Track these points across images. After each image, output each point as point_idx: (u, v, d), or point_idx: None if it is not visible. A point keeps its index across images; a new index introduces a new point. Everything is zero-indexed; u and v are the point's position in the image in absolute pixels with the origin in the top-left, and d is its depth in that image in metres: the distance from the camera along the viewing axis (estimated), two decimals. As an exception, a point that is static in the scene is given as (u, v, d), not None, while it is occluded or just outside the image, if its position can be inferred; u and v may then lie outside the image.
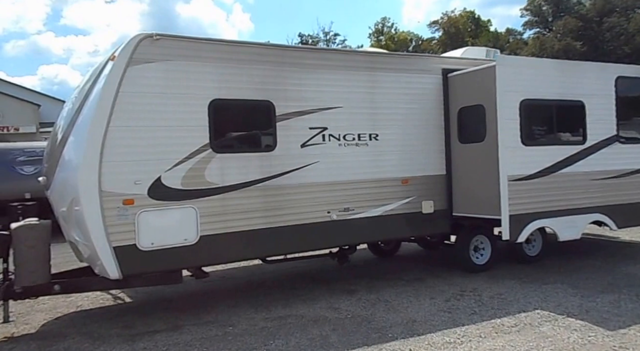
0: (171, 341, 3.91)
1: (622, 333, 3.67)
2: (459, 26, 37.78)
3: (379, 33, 41.19)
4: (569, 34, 29.63)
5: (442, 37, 37.99)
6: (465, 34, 37.20)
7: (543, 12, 34.04)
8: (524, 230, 5.42)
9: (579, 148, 5.92)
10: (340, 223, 5.17)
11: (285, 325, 4.18)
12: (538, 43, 30.97)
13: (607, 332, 3.69)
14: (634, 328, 3.76)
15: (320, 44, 37.32)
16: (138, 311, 4.85)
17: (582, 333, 3.69)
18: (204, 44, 4.49)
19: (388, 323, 4.09)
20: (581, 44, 28.66)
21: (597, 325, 3.85)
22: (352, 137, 5.30)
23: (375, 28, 41.41)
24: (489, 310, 4.34)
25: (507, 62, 5.39)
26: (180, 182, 4.29)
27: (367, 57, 5.53)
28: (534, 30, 34.86)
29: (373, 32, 41.47)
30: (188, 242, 4.31)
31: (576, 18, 30.29)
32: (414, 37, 40.85)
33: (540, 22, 34.29)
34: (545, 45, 29.85)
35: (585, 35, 29.40)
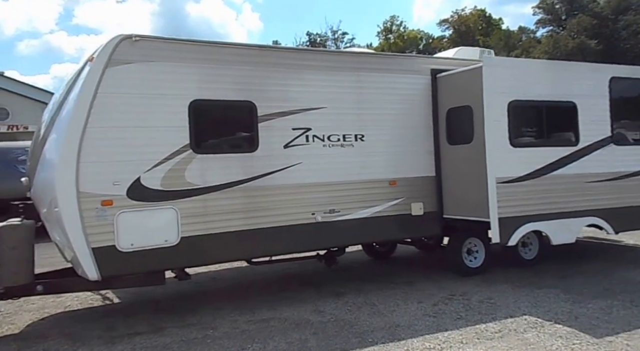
0: (149, 343, 3.87)
1: (608, 340, 3.57)
2: (469, 24, 37.59)
3: (388, 31, 41.16)
4: (583, 32, 29.27)
5: (453, 35, 37.82)
6: (476, 33, 37.02)
7: (556, 10, 33.69)
8: (514, 233, 5.33)
9: (571, 150, 5.81)
10: (325, 224, 5.12)
11: (266, 328, 4.13)
12: (551, 41, 30.57)
13: (592, 340, 3.59)
14: (622, 335, 3.65)
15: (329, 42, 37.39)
16: (124, 312, 4.83)
17: (567, 340, 3.60)
18: (185, 45, 4.48)
19: (370, 328, 4.02)
20: (596, 42, 28.27)
21: (584, 332, 3.75)
22: (336, 138, 5.25)
23: (384, 26, 41.41)
24: (476, 315, 4.25)
25: (494, 63, 5.32)
26: (160, 182, 4.26)
27: (352, 57, 5.49)
28: (547, 29, 34.54)
29: (381, 31, 41.49)
30: (169, 243, 4.28)
31: (590, 16, 29.90)
32: (424, 35, 40.74)
33: (554, 20, 33.96)
34: (559, 44, 29.48)
35: (600, 33, 29.01)
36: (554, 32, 32.99)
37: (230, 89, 4.67)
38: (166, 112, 4.33)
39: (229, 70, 4.66)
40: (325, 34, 38.20)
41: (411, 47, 37.77)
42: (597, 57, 25.38)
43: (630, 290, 4.90)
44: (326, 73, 5.20)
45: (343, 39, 38.42)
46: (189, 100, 4.43)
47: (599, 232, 6.78)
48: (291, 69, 5.00)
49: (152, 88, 4.27)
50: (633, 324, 3.90)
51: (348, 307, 4.65)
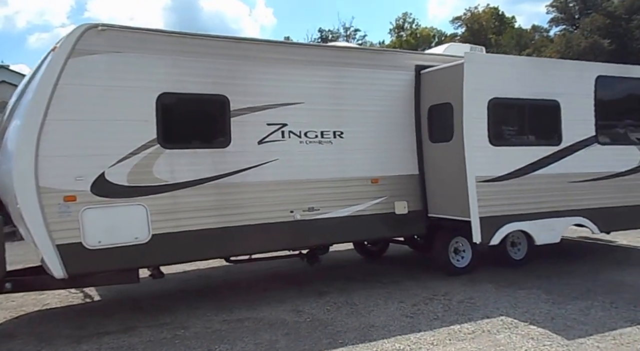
0: (116, 344, 3.79)
1: (579, 342, 3.54)
2: (482, 22, 37.67)
3: (400, 29, 41.14)
4: (596, 32, 29.24)
5: (465, 33, 37.85)
6: (488, 31, 37.09)
7: (569, 9, 33.71)
8: (496, 233, 5.28)
9: (554, 149, 5.76)
10: (304, 223, 5.04)
11: (239, 328, 4.06)
12: (564, 40, 30.60)
13: (564, 341, 3.55)
14: (594, 337, 3.62)
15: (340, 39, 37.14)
16: (100, 310, 4.77)
17: (538, 341, 3.56)
18: (154, 36, 4.37)
19: (345, 328, 3.96)
20: (609, 42, 28.30)
21: (557, 333, 3.71)
22: (314, 134, 5.17)
23: (396, 23, 41.35)
24: (453, 316, 4.21)
25: (475, 60, 5.26)
26: (126, 178, 4.16)
27: (332, 51, 5.42)
28: (560, 27, 34.54)
29: (394, 28, 41.44)
30: (139, 240, 4.18)
31: (604, 15, 29.90)
32: (437, 33, 40.76)
33: (567, 19, 33.99)
34: (572, 43, 29.49)
35: (613, 32, 28.97)
36: (567, 31, 33.02)
37: (202, 82, 4.57)
38: (133, 105, 4.21)
39: (200, 63, 4.55)
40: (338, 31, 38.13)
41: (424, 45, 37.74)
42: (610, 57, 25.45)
43: (612, 291, 4.89)
44: (304, 67, 5.11)
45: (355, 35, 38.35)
46: (157, 93, 4.31)
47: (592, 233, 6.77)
48: (267, 62, 4.90)
49: (118, 80, 4.16)
50: (608, 326, 3.88)
51: (327, 307, 4.60)
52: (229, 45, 4.75)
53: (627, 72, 6.49)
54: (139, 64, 4.26)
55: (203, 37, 4.71)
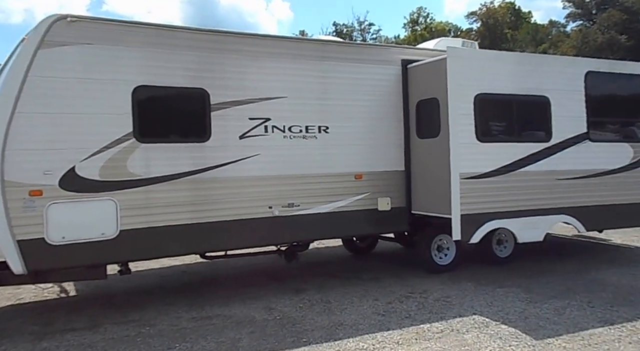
0: (77, 341, 3.82)
1: (547, 342, 3.53)
2: (497, 17, 37.29)
3: (414, 23, 40.87)
4: (613, 27, 28.81)
5: (481, 28, 37.51)
6: (504, 26, 36.72)
7: (586, 4, 33.15)
8: (477, 230, 5.25)
9: (543, 146, 5.71)
10: (283, 219, 5.04)
11: (205, 326, 4.08)
12: (580, 36, 30.22)
13: (531, 341, 3.54)
14: (563, 337, 3.61)
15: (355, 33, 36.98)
16: (73, 306, 4.79)
17: (505, 341, 3.55)
18: (129, 27, 4.35)
19: (313, 326, 3.97)
20: (626, 37, 27.93)
21: (526, 333, 3.70)
22: (298, 129, 5.16)
23: (411, 18, 41.12)
24: (426, 314, 4.21)
25: (459, 54, 5.19)
26: (98, 172, 4.16)
27: (316, 45, 5.35)
28: (577, 23, 34.03)
29: (408, 22, 41.19)
30: (106, 236, 4.19)
31: (621, 11, 29.44)
32: (453, 27, 40.44)
33: (584, 14, 33.44)
34: (588, 39, 29.12)
35: (630, 28, 28.56)
36: (584, 27, 32.56)
37: (181, 75, 4.55)
38: (106, 98, 4.20)
39: (179, 56, 4.53)
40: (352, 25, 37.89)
41: None
42: (628, 53, 25.11)
43: (593, 291, 4.87)
44: (287, 61, 5.08)
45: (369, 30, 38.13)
46: (132, 86, 4.30)
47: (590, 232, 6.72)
48: (249, 56, 4.87)
49: (90, 73, 4.14)
50: (580, 326, 3.86)
51: (301, 304, 4.61)
52: (208, 38, 4.72)
53: (618, 68, 6.39)
54: (112, 56, 4.23)
55: (181, 30, 4.68)
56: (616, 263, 6.13)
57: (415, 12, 41.20)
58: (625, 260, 6.36)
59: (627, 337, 3.62)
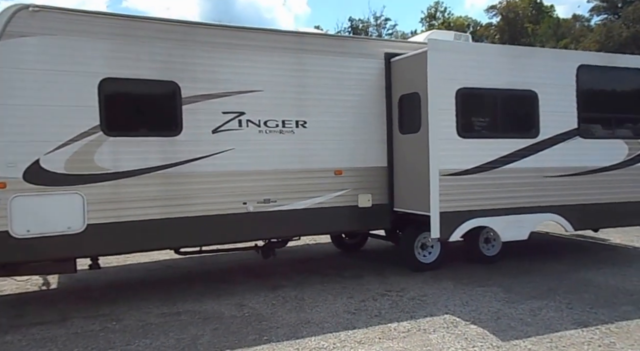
0: (40, 335, 3.82)
1: (513, 343, 3.45)
2: (518, 11, 36.76)
3: (432, 18, 40.53)
4: (639, 21, 28.04)
5: (500, 23, 36.94)
6: (524, 20, 36.20)
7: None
8: (457, 228, 5.17)
9: (529, 142, 5.59)
10: (258, 215, 5.00)
11: (171, 322, 4.06)
12: (604, 30, 29.36)
13: (497, 343, 3.47)
14: (531, 339, 3.53)
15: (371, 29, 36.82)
16: (48, 299, 4.82)
17: (470, 342, 3.48)
18: (95, 18, 4.31)
19: (279, 324, 3.94)
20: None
21: (495, 333, 3.63)
22: (274, 124, 5.10)
23: (428, 13, 40.70)
24: (396, 313, 4.16)
25: (441, 47, 5.08)
26: (63, 165, 4.16)
27: (294, 37, 5.27)
28: (601, 17, 33.14)
29: (425, 17, 40.82)
30: (72, 230, 4.19)
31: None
32: (472, 22, 40.02)
33: (608, 8, 32.58)
34: (612, 33, 28.28)
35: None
36: (608, 21, 31.77)
37: (150, 68, 4.51)
38: (72, 90, 4.18)
39: (148, 47, 4.49)
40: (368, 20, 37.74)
41: None
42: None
43: (575, 291, 4.78)
44: (263, 54, 5.02)
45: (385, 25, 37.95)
46: (99, 78, 4.28)
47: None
48: (222, 48, 4.82)
49: (55, 64, 4.12)
50: (553, 327, 3.78)
51: (274, 301, 4.58)
52: (180, 29, 4.67)
53: (611, 61, 6.23)
54: (77, 48, 4.21)
55: (151, 21, 4.63)
56: (609, 263, 6.01)
57: (433, 7, 40.78)
58: (620, 260, 6.23)
59: (599, 340, 3.54)
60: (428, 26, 39.30)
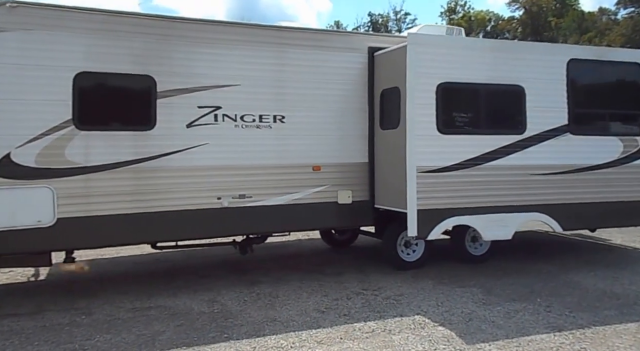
0: (9, 327, 3.86)
1: (477, 347, 3.37)
2: (541, 5, 35.97)
3: (452, 12, 40.02)
4: None
5: (523, 16, 36.21)
6: (548, 14, 35.47)
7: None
8: (436, 227, 5.07)
9: (515, 138, 5.45)
10: (233, 210, 4.97)
11: (139, 317, 4.07)
12: (631, 23, 28.61)
13: (462, 346, 3.40)
14: (498, 343, 3.45)
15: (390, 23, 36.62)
16: (30, 291, 4.89)
17: (433, 344, 3.42)
18: (71, 13, 4.31)
19: (244, 322, 3.92)
20: None
21: (461, 336, 3.56)
22: (251, 118, 5.05)
23: (448, 7, 40.27)
24: (366, 313, 4.10)
25: (421, 41, 4.97)
26: (34, 159, 4.17)
27: (272, 31, 5.21)
28: (628, 10, 32.07)
29: (445, 11, 40.37)
30: (42, 224, 4.20)
31: None
32: (493, 16, 39.37)
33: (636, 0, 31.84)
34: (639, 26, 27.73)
35: None
36: (636, 14, 30.78)
37: (125, 62, 4.50)
38: (46, 84, 4.20)
39: (124, 42, 4.48)
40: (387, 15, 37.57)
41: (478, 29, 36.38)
42: None
43: (559, 294, 4.66)
44: (241, 48, 4.96)
45: (405, 19, 37.73)
46: (74, 73, 4.28)
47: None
48: (198, 42, 4.78)
49: (30, 59, 4.14)
50: (524, 331, 3.69)
51: (246, 298, 4.57)
52: (157, 24, 4.66)
53: (603, 55, 6.05)
54: (54, 42, 4.23)
55: (127, 15, 4.61)
56: (602, 264, 5.84)
57: (453, 1, 40.14)
58: (616, 262, 6.03)
59: (569, 345, 3.44)
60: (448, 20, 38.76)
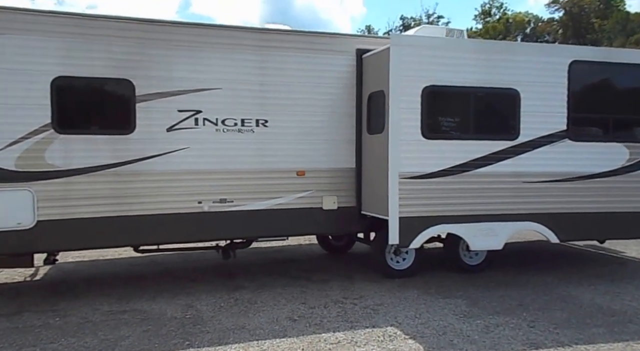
0: (-18, 328, 3.97)
1: (438, 363, 3.27)
2: (583, 6, 35.09)
3: (487, 14, 39.58)
4: None
5: (563, 18, 35.47)
6: (591, 15, 34.56)
7: None
8: (419, 235, 4.98)
9: (507, 144, 5.30)
10: (213, 215, 5.00)
11: (109, 321, 4.13)
12: None
13: (418, 360, 3.30)
14: (462, 358, 3.34)
15: None
16: (20, 290, 5.03)
17: (393, 358, 3.33)
18: (48, 17, 4.42)
19: (211, 329, 3.92)
20: None
21: (427, 350, 3.46)
22: (233, 122, 5.07)
23: (482, 9, 39.77)
24: (338, 323, 4.05)
25: (404, 42, 4.89)
26: (14, 163, 4.30)
27: (255, 34, 5.21)
28: None
29: (479, 14, 39.94)
30: (22, 226, 4.33)
31: None
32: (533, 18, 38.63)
33: None
34: None
35: None
36: None
37: (104, 66, 4.59)
38: (24, 88, 4.32)
39: (102, 45, 4.57)
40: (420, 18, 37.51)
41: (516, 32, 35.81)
42: None
43: (548, 308, 4.50)
44: (222, 51, 5.00)
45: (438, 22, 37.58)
46: (51, 77, 4.39)
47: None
48: (178, 45, 4.83)
49: (7, 63, 4.26)
50: (498, 347, 3.56)
51: (223, 304, 4.58)
52: (135, 28, 4.72)
53: (608, 56, 5.81)
54: (30, 47, 4.34)
55: (104, 19, 4.68)
56: (607, 278, 5.59)
57: (488, 3, 39.45)
58: (623, 275, 5.77)
59: (541, 363, 3.30)
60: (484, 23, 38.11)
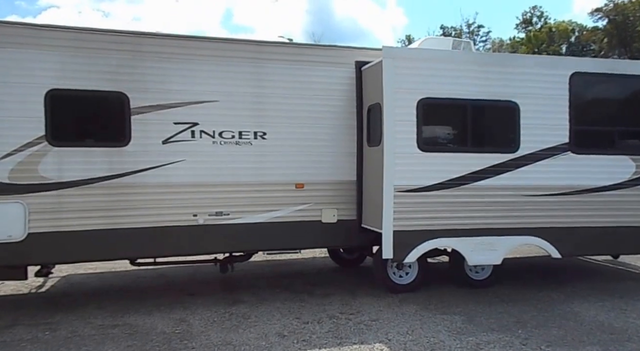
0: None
1: (423, 383, 3.23)
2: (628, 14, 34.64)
3: (528, 23, 39.64)
4: None
5: (608, 26, 35.09)
6: (636, 23, 34.24)
7: None
8: (415, 249, 4.94)
9: (507, 157, 5.25)
10: (209, 228, 5.03)
11: (98, 335, 4.15)
12: None
13: (406, 380, 3.26)
14: (448, 379, 3.29)
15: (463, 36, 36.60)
16: (22, 303, 5.10)
17: (377, 378, 3.29)
18: (43, 31, 4.53)
19: (197, 345, 3.92)
20: None
21: (413, 370, 3.42)
22: (230, 135, 5.12)
23: (523, 18, 39.68)
24: (327, 339, 4.02)
25: (397, 54, 4.90)
26: (7, 175, 4.38)
27: (252, 46, 5.28)
28: None
29: (520, 23, 39.94)
30: (13, 238, 4.39)
31: None
32: (577, 27, 38.48)
33: None
34: None
35: None
36: None
37: (98, 79, 4.68)
38: (18, 101, 4.41)
39: (96, 59, 4.67)
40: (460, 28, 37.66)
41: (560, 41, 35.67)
42: None
43: (546, 326, 4.41)
44: (218, 63, 5.06)
45: (478, 32, 37.80)
46: (45, 90, 4.48)
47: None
48: (173, 58, 4.91)
49: (3, 76, 4.36)
50: (485, 367, 3.52)
51: (216, 318, 4.58)
52: (130, 40, 4.82)
53: (611, 67, 5.75)
54: (25, 60, 4.44)
55: (99, 32, 4.78)
56: (617, 295, 5.44)
57: (529, 12, 39.34)
58: (635, 293, 5.59)
59: (532, 385, 3.23)
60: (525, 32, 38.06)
